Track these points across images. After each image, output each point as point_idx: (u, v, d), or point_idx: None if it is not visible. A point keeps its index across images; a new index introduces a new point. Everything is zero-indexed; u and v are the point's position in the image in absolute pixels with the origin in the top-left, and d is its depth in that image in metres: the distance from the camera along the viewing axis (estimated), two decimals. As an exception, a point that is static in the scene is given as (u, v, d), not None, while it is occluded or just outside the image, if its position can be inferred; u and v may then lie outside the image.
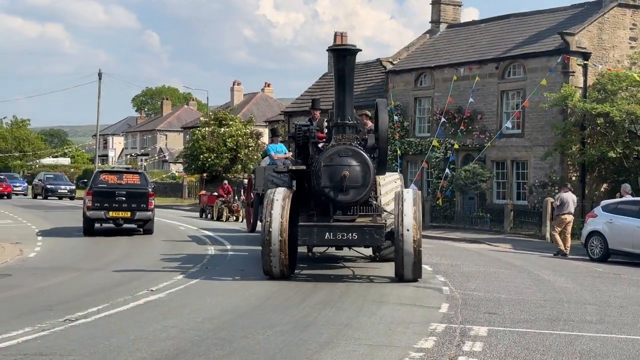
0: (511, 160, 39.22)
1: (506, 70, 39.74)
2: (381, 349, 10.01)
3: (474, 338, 10.86)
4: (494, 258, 24.41)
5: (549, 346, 10.53)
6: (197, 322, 11.82)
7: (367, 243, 16.98)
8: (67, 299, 13.79)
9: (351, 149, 16.65)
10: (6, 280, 16.58)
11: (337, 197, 16.46)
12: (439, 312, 13.17)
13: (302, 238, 16.09)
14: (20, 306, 13.11)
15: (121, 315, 12.25)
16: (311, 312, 12.84)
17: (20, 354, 9.36)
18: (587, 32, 37.17)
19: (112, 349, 9.78)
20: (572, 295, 16.03)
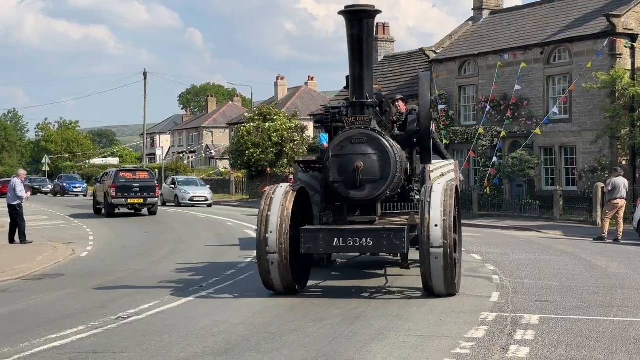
0: (559, 146, 38.87)
1: (551, 55, 39.39)
2: (432, 339, 10.01)
3: (526, 326, 10.81)
4: (544, 245, 24.19)
5: (602, 333, 10.42)
6: (247, 317, 11.92)
7: (385, 250, 13.72)
8: (119, 297, 13.94)
9: (366, 134, 13.32)
10: (59, 280, 16.79)
11: (350, 193, 13.36)
12: (490, 301, 13.12)
13: (306, 245, 12.87)
14: (73, 305, 13.30)
15: (172, 312, 12.40)
16: (360, 304, 12.88)
17: (74, 352, 9.51)
18: (634, 13, 36.75)
19: (163, 345, 9.93)
20: (625, 280, 15.85)
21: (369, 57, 14.03)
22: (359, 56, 13.84)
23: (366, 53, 13.92)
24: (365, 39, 13.82)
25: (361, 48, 13.79)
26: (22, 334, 10.57)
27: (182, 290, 14.67)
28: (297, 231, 13.00)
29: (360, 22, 13.63)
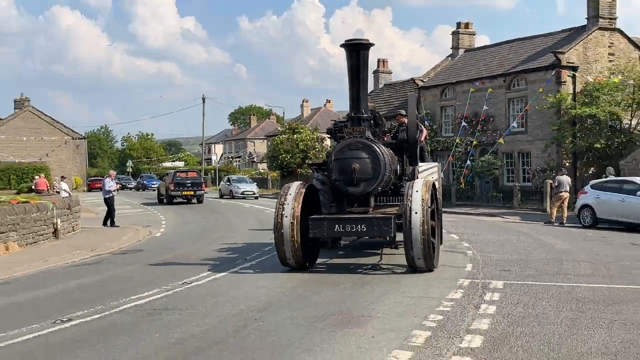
0: (517, 152, 38.93)
1: (512, 82, 39.39)
2: (421, 299, 10.04)
3: (493, 290, 10.80)
4: (506, 228, 24.15)
5: (551, 295, 10.43)
6: (279, 283, 11.98)
7: (376, 234, 13.07)
8: (184, 268, 13.95)
9: (361, 142, 12.97)
10: (139, 254, 16.89)
11: (348, 189, 12.96)
12: (465, 270, 13.11)
13: (313, 230, 12.51)
14: (150, 274, 13.37)
15: (223, 279, 12.40)
16: (365, 275, 12.84)
17: (151, 309, 9.59)
18: (574, 50, 36.80)
19: (217, 303, 10.00)
20: (569, 255, 15.77)
21: (364, 80, 13.66)
22: (357, 80, 13.43)
23: (362, 77, 13.53)
24: (362, 66, 13.44)
25: (358, 74, 13.39)
26: (112, 295, 10.66)
27: (230, 262, 14.71)
28: (306, 219, 12.64)
29: (358, 53, 13.27)
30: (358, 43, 13.29)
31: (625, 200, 23.33)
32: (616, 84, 33.82)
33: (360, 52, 13.28)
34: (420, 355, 6.91)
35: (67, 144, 71.25)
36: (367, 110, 13.76)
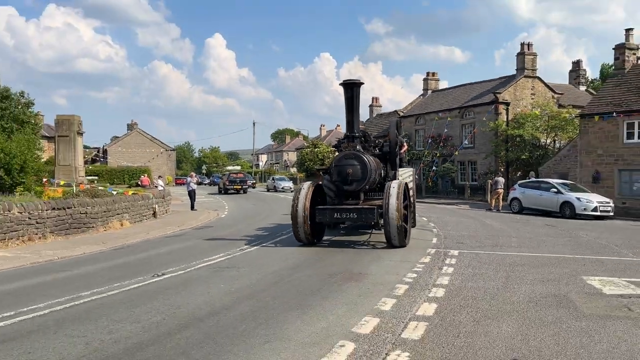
0: (468, 160, 38.36)
1: (464, 113, 38.88)
2: (402, 262, 9.88)
3: (451, 257, 10.62)
4: (460, 213, 23.86)
5: (492, 260, 10.24)
6: (302, 252, 11.78)
7: (364, 220, 12.24)
8: (240, 239, 13.88)
9: (353, 153, 12.72)
10: (209, 229, 16.80)
11: (344, 187, 12.56)
12: (432, 242, 12.92)
13: (318, 217, 12.23)
14: (217, 243, 13.24)
15: (266, 248, 12.29)
16: (361, 247, 12.66)
17: (217, 267, 9.51)
18: (507, 92, 36.35)
19: (263, 263, 9.90)
20: (503, 232, 15.54)
21: (356, 109, 13.40)
22: (351, 109, 13.24)
23: (355, 107, 13.28)
24: (355, 99, 13.19)
25: (352, 104, 13.18)
26: (191, 258, 10.60)
27: (270, 237, 14.62)
28: (314, 209, 12.35)
29: (352, 89, 13.09)
30: (352, 82, 13.16)
31: (542, 195, 23.11)
32: (536, 115, 33.86)
33: (354, 89, 13.12)
34: (400, 302, 6.81)
35: (162, 154, 71.53)
36: (358, 131, 13.56)
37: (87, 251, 11.96)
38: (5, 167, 17.34)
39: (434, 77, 47.84)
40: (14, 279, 8.65)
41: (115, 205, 17.16)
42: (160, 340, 5.21)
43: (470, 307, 6.58)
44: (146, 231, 15.99)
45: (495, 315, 6.21)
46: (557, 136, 34.30)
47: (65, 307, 6.60)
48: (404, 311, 6.34)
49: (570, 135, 32.59)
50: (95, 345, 5.05)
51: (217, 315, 6.17)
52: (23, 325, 5.80)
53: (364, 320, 5.92)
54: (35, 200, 14.41)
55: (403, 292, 7.38)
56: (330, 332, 5.47)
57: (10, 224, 12.49)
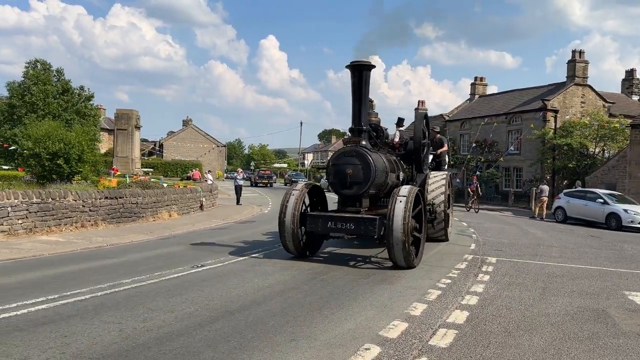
0: (513, 167, 37.50)
1: (511, 119, 37.98)
2: (436, 268, 9.59)
3: (488, 264, 10.25)
4: (501, 220, 23.21)
5: (530, 269, 9.82)
6: (338, 252, 11.62)
7: (362, 232, 9.51)
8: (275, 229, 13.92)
9: (355, 150, 9.91)
10: (253, 223, 16.97)
11: (343, 191, 9.97)
12: (470, 248, 12.47)
13: (310, 226, 9.77)
14: (257, 237, 13.22)
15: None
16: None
17: (254, 262, 9.45)
18: (556, 99, 35.29)
19: (295, 263, 9.76)
20: (545, 241, 14.96)
21: (365, 97, 10.15)
22: (358, 97, 10.09)
23: (363, 94, 10.09)
24: (363, 85, 10.04)
25: (360, 90, 10.04)
26: (233, 250, 10.65)
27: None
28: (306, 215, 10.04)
29: (360, 73, 9.98)
30: (361, 64, 10.05)
31: (587, 205, 22.17)
32: (585, 124, 32.72)
33: (363, 73, 10.06)
34: (432, 307, 6.60)
35: (214, 149, 72.83)
36: (366, 123, 10.42)
37: (135, 240, 12.21)
38: (65, 156, 17.95)
39: (482, 81, 46.86)
40: (64, 263, 8.89)
41: (165, 197, 17.50)
42: (190, 331, 5.20)
43: (503, 317, 6.29)
44: (192, 223, 16.22)
45: (529, 327, 5.92)
46: (606, 146, 33.02)
47: (106, 293, 6.71)
48: (434, 317, 6.12)
49: (620, 145, 31.27)
50: (127, 333, 5.09)
51: (248, 310, 6.13)
52: (64, 309, 5.92)
53: (392, 324, 5.74)
54: (89, 189, 14.85)
55: (435, 297, 7.14)
56: (356, 334, 5.33)
57: (64, 211, 12.90)
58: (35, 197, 12.15)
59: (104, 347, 4.68)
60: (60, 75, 39.14)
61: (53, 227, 12.49)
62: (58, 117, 34.57)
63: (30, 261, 9.06)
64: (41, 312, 5.73)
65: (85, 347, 4.63)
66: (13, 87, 37.12)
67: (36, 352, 4.49)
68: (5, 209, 11.34)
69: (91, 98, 39.98)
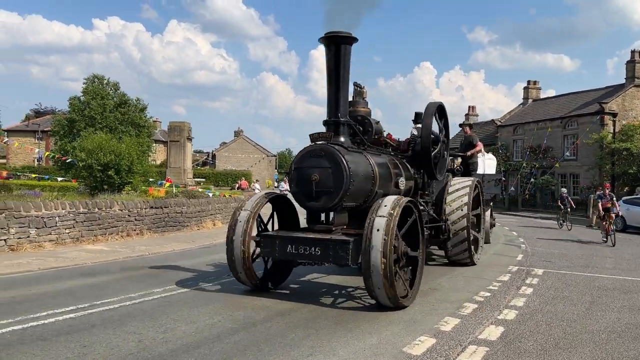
0: (569, 173, 35.82)
1: (567, 123, 36.41)
2: (476, 279, 9.16)
3: (534, 276, 9.73)
4: (555, 229, 22.16)
5: (579, 282, 9.24)
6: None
7: (331, 260, 6.84)
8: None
9: (324, 149, 7.27)
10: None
11: (308, 203, 7.34)
12: (516, 259, 11.89)
13: (264, 250, 7.27)
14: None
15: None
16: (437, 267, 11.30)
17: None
18: (615, 101, 33.60)
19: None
20: (599, 251, 14.15)
21: (344, 81, 7.56)
22: (334, 78, 7.51)
23: (341, 77, 7.51)
24: (341, 64, 7.48)
25: (337, 72, 7.48)
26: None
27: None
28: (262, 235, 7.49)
29: (337, 48, 7.40)
30: (338, 36, 7.43)
31: (649, 213, 20.90)
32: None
33: (341, 47, 7.44)
34: (465, 322, 6.26)
35: (264, 159, 73.81)
36: (346, 114, 7.79)
37: (177, 248, 12.37)
38: (115, 167, 18.53)
39: (535, 85, 45.31)
40: (103, 272, 9.08)
41: (209, 206, 17.73)
42: (208, 343, 5.13)
43: (541, 333, 5.89)
44: (235, 232, 16.29)
45: (568, 345, 5.49)
46: (671, 151, 31.10)
47: (135, 302, 6.76)
48: (465, 333, 5.80)
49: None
50: (146, 344, 5.06)
51: (271, 321, 6.00)
52: (91, 318, 5.98)
53: (418, 340, 5.47)
54: (135, 199, 15.23)
55: (470, 311, 6.79)
56: (378, 350, 5.10)
57: (110, 220, 13.26)
58: (82, 207, 12.54)
59: (120, 357, 4.66)
60: (117, 89, 40.75)
61: (99, 236, 12.85)
62: (114, 129, 35.97)
63: (72, 270, 9.30)
64: (68, 321, 5.81)
65: (100, 358, 4.63)
66: (74, 102, 38.94)
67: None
68: (54, 218, 11.75)
69: (145, 109, 41.37)
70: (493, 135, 43.94)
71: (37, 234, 11.33)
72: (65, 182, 26.17)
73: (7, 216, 10.76)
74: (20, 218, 10.98)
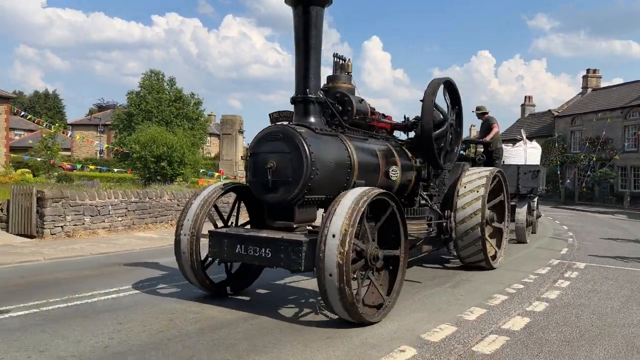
0: (630, 166, 34.28)
1: (628, 113, 34.80)
2: (512, 272, 8.99)
3: (574, 269, 9.46)
4: (611, 223, 21.26)
5: (620, 276, 8.91)
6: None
7: (282, 264, 5.49)
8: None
9: (283, 130, 5.90)
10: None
11: (266, 196, 5.98)
12: (560, 253, 11.53)
13: (213, 249, 6.06)
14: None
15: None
16: None
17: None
18: (681, 90, 31.84)
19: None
20: (653, 247, 13.54)
21: (314, 48, 6.12)
22: (303, 47, 6.10)
23: (312, 44, 6.10)
24: (312, 29, 6.06)
25: (306, 39, 6.07)
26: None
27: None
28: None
29: (306, 9, 6.03)
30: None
31: None
32: None
33: (310, 9, 6.07)
34: (490, 313, 6.25)
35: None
36: (317, 90, 6.33)
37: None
38: (168, 159, 19.32)
39: (595, 74, 43.47)
40: (148, 257, 9.59)
41: (255, 197, 18.17)
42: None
43: (568, 325, 5.82)
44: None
45: (594, 337, 5.41)
46: None
47: (164, 287, 7.15)
48: (488, 323, 5.81)
49: None
50: (175, 322, 5.41)
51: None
52: (128, 299, 6.44)
53: (439, 327, 5.54)
54: (184, 189, 15.85)
55: (499, 303, 6.76)
56: (396, 336, 5.21)
57: (160, 209, 13.89)
58: (133, 196, 13.22)
59: (150, 334, 5.01)
60: (173, 84, 42.16)
61: (150, 224, 13.51)
62: (170, 123, 37.29)
63: (121, 255, 9.87)
64: (109, 301, 6.25)
65: (133, 335, 4.99)
66: (132, 97, 40.62)
67: (89, 336, 4.92)
68: (107, 207, 12.46)
69: (200, 104, 42.58)
70: (550, 127, 42.52)
71: (92, 221, 12.05)
72: (121, 174, 27.45)
73: (63, 204, 11.51)
74: (75, 206, 11.72)
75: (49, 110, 73.73)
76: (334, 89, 7.00)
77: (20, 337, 4.86)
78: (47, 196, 11.24)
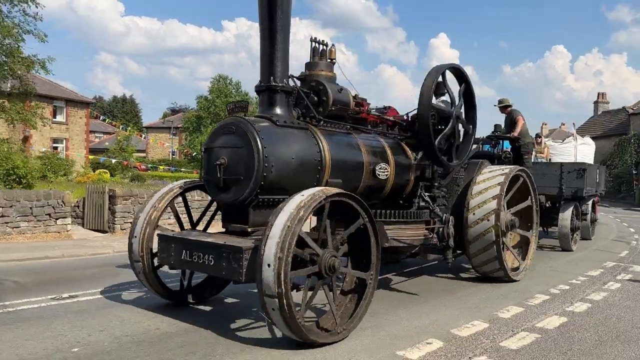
0: None
1: None
2: (560, 273, 8.85)
3: (630, 272, 9.15)
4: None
5: (678, 281, 8.59)
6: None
7: (224, 274, 4.77)
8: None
9: (235, 122, 5.18)
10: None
11: (218, 195, 5.33)
12: (618, 256, 11.08)
13: (161, 255, 5.42)
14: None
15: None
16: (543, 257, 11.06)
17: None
18: None
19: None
20: None
21: (282, 33, 5.41)
22: (269, 30, 5.36)
23: (278, 26, 5.35)
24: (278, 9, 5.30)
25: (271, 20, 5.32)
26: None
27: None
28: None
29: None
30: None
31: None
32: None
33: None
34: (528, 311, 6.26)
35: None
36: (284, 77, 5.57)
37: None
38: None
39: (677, 69, 40.62)
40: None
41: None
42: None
43: (605, 326, 5.76)
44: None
45: (629, 338, 5.35)
46: None
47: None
48: (522, 321, 5.85)
49: None
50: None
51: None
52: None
53: (470, 323, 5.65)
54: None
55: (539, 302, 6.75)
56: (426, 329, 5.39)
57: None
58: (196, 195, 13.97)
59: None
60: (239, 87, 43.58)
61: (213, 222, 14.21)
62: (235, 125, 38.64)
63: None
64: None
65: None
66: (201, 101, 42.37)
67: (143, 319, 5.46)
68: (171, 205, 13.27)
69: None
70: (624, 124, 40.31)
71: (157, 218, 12.89)
72: (187, 174, 28.80)
73: (132, 202, 12.39)
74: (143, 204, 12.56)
75: (126, 114, 77.95)
76: (311, 76, 6.14)
77: (87, 318, 5.47)
78: (117, 194, 12.16)
